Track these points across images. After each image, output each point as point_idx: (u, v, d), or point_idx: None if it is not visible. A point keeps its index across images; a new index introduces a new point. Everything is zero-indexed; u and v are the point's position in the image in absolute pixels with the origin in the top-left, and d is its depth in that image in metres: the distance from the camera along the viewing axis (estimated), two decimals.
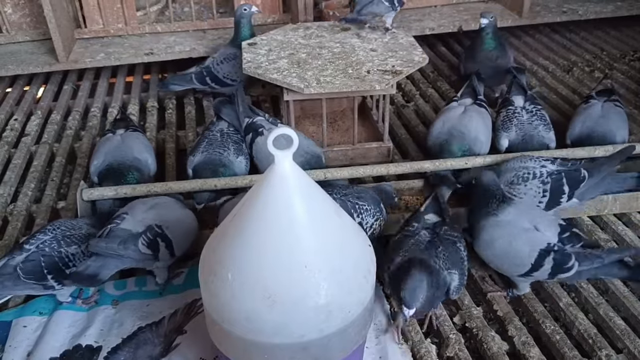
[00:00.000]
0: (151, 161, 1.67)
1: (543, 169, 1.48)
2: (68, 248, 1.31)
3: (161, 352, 1.23)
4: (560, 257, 1.26)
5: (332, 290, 0.91)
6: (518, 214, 1.34)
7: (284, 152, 0.89)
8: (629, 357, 1.23)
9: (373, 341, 1.25)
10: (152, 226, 1.33)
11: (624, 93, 2.21)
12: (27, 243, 1.31)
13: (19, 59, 2.41)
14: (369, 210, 1.42)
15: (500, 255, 1.32)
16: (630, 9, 2.75)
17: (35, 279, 1.27)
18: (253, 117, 1.73)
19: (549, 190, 1.44)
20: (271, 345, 0.93)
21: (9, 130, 2.10)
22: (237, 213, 0.94)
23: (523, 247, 1.28)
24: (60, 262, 1.29)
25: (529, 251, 1.28)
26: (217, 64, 2.15)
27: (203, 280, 0.98)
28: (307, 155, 1.63)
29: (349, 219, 1.01)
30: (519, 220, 1.32)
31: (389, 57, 1.80)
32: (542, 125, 1.73)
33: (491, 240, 1.32)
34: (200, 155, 1.65)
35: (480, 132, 1.71)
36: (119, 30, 2.56)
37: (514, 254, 1.30)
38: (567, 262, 1.26)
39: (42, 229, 1.36)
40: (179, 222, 1.39)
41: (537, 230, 1.30)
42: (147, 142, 1.74)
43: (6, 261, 1.29)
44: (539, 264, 1.27)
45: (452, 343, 1.25)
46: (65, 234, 1.34)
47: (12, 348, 1.25)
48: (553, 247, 1.27)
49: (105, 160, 1.62)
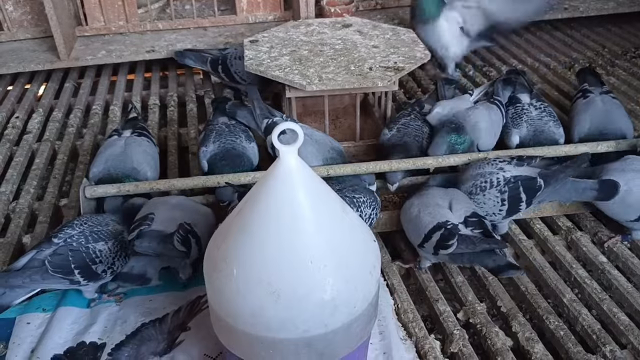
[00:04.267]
0: (150, 173, 1.62)
1: (500, 173, 1.45)
2: (95, 244, 1.32)
3: (165, 349, 1.23)
4: (446, 234, 1.31)
5: (337, 286, 0.91)
6: (444, 191, 1.44)
7: (289, 147, 0.88)
8: (633, 352, 1.23)
9: (377, 337, 1.25)
10: (183, 224, 1.34)
11: (625, 90, 2.21)
12: (55, 237, 1.31)
13: (20, 57, 2.41)
14: (365, 201, 1.43)
15: (407, 221, 1.43)
16: (631, 5, 2.75)
17: (62, 274, 1.28)
18: (271, 117, 1.71)
19: (507, 199, 1.43)
20: (276, 341, 0.92)
21: (11, 128, 2.10)
22: (242, 208, 0.94)
23: (425, 218, 1.36)
24: (87, 258, 1.29)
25: (427, 223, 1.34)
26: (233, 58, 2.14)
27: (208, 276, 0.97)
28: (332, 151, 1.64)
29: (354, 215, 1.00)
30: (437, 195, 1.42)
31: (391, 53, 1.80)
32: (551, 121, 1.73)
33: (409, 206, 1.43)
34: (213, 146, 1.64)
35: (483, 121, 1.70)
36: (120, 28, 2.55)
37: (416, 223, 1.38)
38: (449, 240, 1.30)
39: (69, 223, 1.36)
40: (203, 219, 1.41)
41: (447, 208, 1.38)
42: (152, 149, 1.70)
43: (34, 254, 1.29)
44: (429, 236, 1.33)
45: (456, 339, 1.25)
46: (92, 230, 1.34)
47: (16, 345, 1.25)
48: (446, 224, 1.32)
49: (104, 168, 1.59)
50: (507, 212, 1.45)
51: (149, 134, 1.74)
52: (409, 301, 1.35)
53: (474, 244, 1.28)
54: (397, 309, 1.34)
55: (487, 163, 1.50)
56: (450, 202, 1.39)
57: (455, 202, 1.39)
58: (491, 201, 1.44)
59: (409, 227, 1.42)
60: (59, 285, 1.31)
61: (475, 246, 1.28)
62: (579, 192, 1.48)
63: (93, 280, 1.32)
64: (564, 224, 1.58)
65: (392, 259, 1.49)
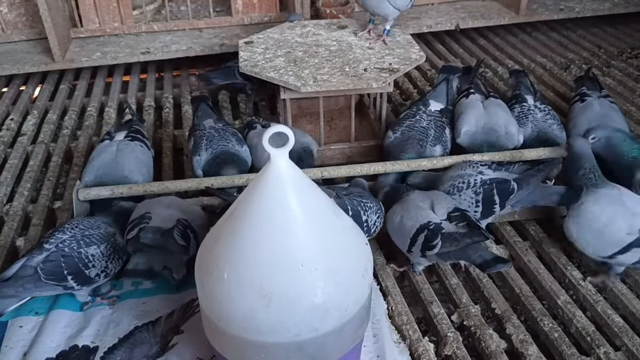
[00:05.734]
0: (141, 181, 1.59)
1: (479, 176, 1.46)
2: (87, 248, 1.30)
3: (158, 352, 1.22)
4: (430, 235, 1.30)
5: (328, 289, 0.91)
6: (423, 194, 1.44)
7: (280, 150, 0.88)
8: (627, 354, 1.22)
9: (371, 340, 1.24)
10: (180, 219, 1.35)
11: (621, 90, 2.21)
12: (46, 242, 1.30)
13: (15, 59, 2.40)
14: (372, 207, 1.43)
15: (392, 229, 1.41)
16: (627, 6, 2.76)
17: (56, 280, 1.26)
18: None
19: (481, 200, 1.44)
20: (267, 344, 0.92)
21: (5, 130, 2.09)
22: (233, 212, 0.94)
23: (407, 222, 1.35)
24: (80, 263, 1.28)
25: (410, 227, 1.34)
26: None
27: (199, 280, 0.97)
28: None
29: (346, 217, 1.00)
30: (417, 199, 1.42)
31: (386, 55, 1.79)
32: (555, 124, 1.74)
33: (391, 213, 1.42)
34: (206, 153, 1.63)
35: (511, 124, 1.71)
36: (115, 30, 2.55)
37: (400, 229, 1.37)
38: (433, 240, 1.30)
39: (60, 227, 1.34)
40: (197, 217, 1.42)
41: (429, 209, 1.38)
42: (145, 154, 1.67)
43: (25, 261, 1.27)
44: (414, 239, 1.33)
45: (450, 341, 1.25)
46: (84, 234, 1.33)
47: (8, 348, 1.24)
48: (429, 224, 1.32)
49: (96, 177, 1.57)
50: (482, 214, 1.45)
51: (144, 136, 1.72)
52: (403, 303, 1.35)
53: (457, 240, 1.28)
54: (391, 312, 1.33)
55: (469, 165, 1.51)
56: (432, 202, 1.40)
57: (437, 201, 1.39)
58: (466, 202, 1.44)
59: (395, 235, 1.42)
60: (52, 292, 1.30)
61: (459, 242, 1.28)
62: (545, 196, 1.47)
63: (87, 284, 1.31)
64: (559, 225, 1.58)
65: (387, 261, 1.48)
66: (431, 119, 1.72)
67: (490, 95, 1.83)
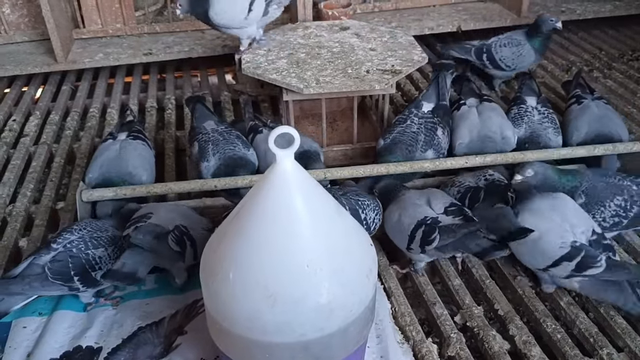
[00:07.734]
0: (146, 177, 1.60)
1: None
2: (95, 250, 1.31)
3: (161, 353, 1.23)
4: (428, 229, 1.31)
5: (333, 290, 0.91)
6: (419, 192, 1.45)
7: (285, 151, 0.88)
8: (630, 355, 1.23)
9: (374, 340, 1.25)
10: (179, 225, 1.34)
11: (622, 92, 2.22)
12: (54, 242, 1.30)
13: (17, 60, 2.41)
14: (369, 205, 1.44)
15: (391, 228, 1.42)
16: (628, 8, 2.76)
17: (62, 280, 1.27)
18: None
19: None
20: (272, 345, 0.92)
21: (8, 130, 2.10)
22: (238, 212, 0.94)
23: (405, 220, 1.36)
24: (87, 265, 1.28)
25: (408, 224, 1.35)
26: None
27: (204, 280, 0.97)
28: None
29: (350, 218, 1.00)
30: (414, 197, 1.43)
31: (388, 56, 1.80)
32: (551, 128, 1.74)
33: (389, 213, 1.43)
34: (214, 159, 1.61)
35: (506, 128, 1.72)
36: (117, 31, 2.55)
37: (398, 227, 1.38)
38: (431, 234, 1.30)
39: (68, 228, 1.35)
40: (200, 226, 1.41)
41: (425, 205, 1.39)
42: (147, 152, 1.68)
43: (32, 260, 1.28)
44: (412, 236, 1.33)
45: (453, 342, 1.25)
46: (92, 236, 1.33)
47: (12, 349, 1.25)
48: (426, 220, 1.33)
49: (100, 174, 1.58)
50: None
51: (145, 137, 1.73)
52: (406, 304, 1.35)
53: (454, 232, 1.30)
54: (394, 313, 1.34)
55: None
56: (428, 199, 1.41)
57: (433, 197, 1.41)
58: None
59: (394, 233, 1.42)
60: (58, 292, 1.30)
61: (456, 233, 1.29)
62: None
63: (92, 286, 1.32)
64: None
65: (390, 262, 1.48)
66: (422, 122, 1.69)
67: (484, 99, 1.82)
